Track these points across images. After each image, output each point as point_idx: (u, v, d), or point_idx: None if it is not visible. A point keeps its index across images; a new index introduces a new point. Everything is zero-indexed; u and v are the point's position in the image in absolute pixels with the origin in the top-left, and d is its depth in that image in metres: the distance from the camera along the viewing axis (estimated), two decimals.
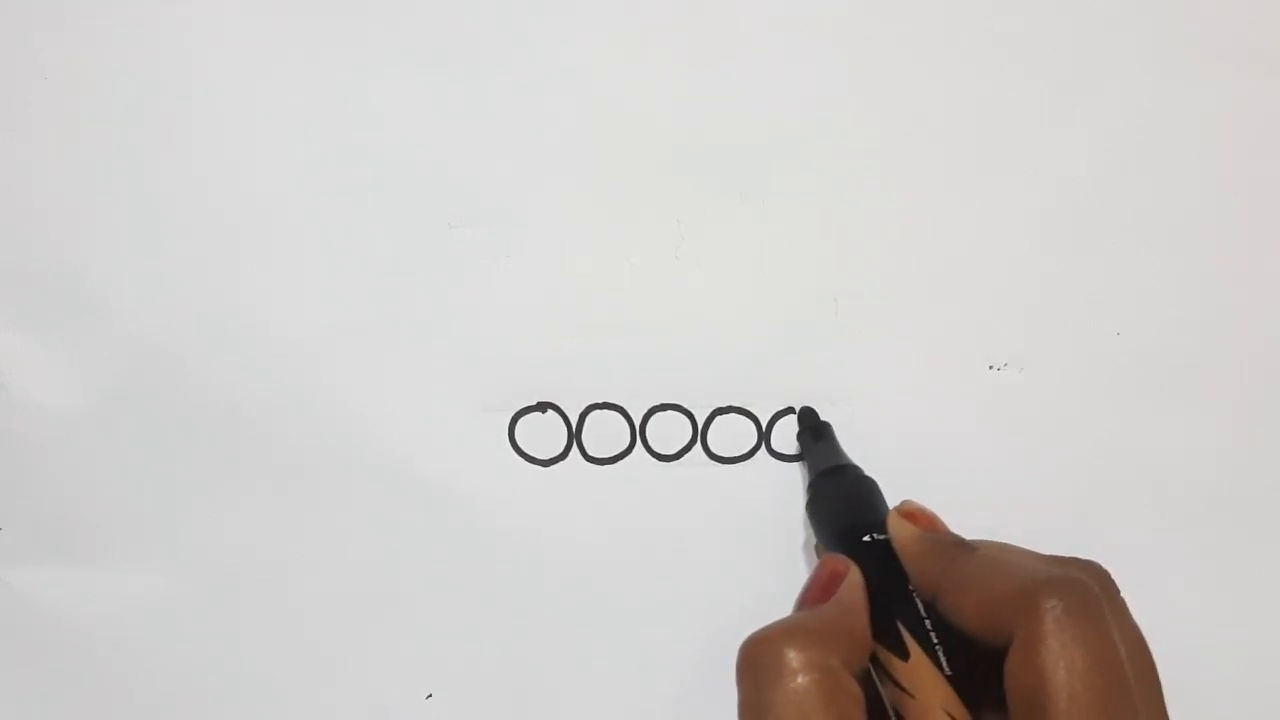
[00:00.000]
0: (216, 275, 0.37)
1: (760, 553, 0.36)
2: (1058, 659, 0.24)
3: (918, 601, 0.29)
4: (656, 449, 0.37)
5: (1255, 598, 0.36)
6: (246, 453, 0.37)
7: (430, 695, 0.36)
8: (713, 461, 0.37)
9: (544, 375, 0.37)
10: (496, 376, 0.37)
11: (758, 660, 0.26)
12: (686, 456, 0.37)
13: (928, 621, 0.29)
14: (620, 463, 0.37)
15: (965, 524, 0.36)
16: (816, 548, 0.35)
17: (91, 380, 0.37)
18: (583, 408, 0.37)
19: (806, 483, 0.35)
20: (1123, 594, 0.27)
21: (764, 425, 0.37)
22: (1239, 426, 0.37)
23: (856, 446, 0.36)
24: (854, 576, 0.29)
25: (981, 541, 0.30)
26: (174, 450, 0.37)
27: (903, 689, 0.27)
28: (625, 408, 0.37)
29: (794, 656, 0.25)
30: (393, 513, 0.36)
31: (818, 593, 0.29)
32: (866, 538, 0.31)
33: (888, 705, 0.28)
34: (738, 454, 0.37)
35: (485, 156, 0.37)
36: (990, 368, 0.37)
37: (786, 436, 0.37)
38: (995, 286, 0.37)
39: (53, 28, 0.37)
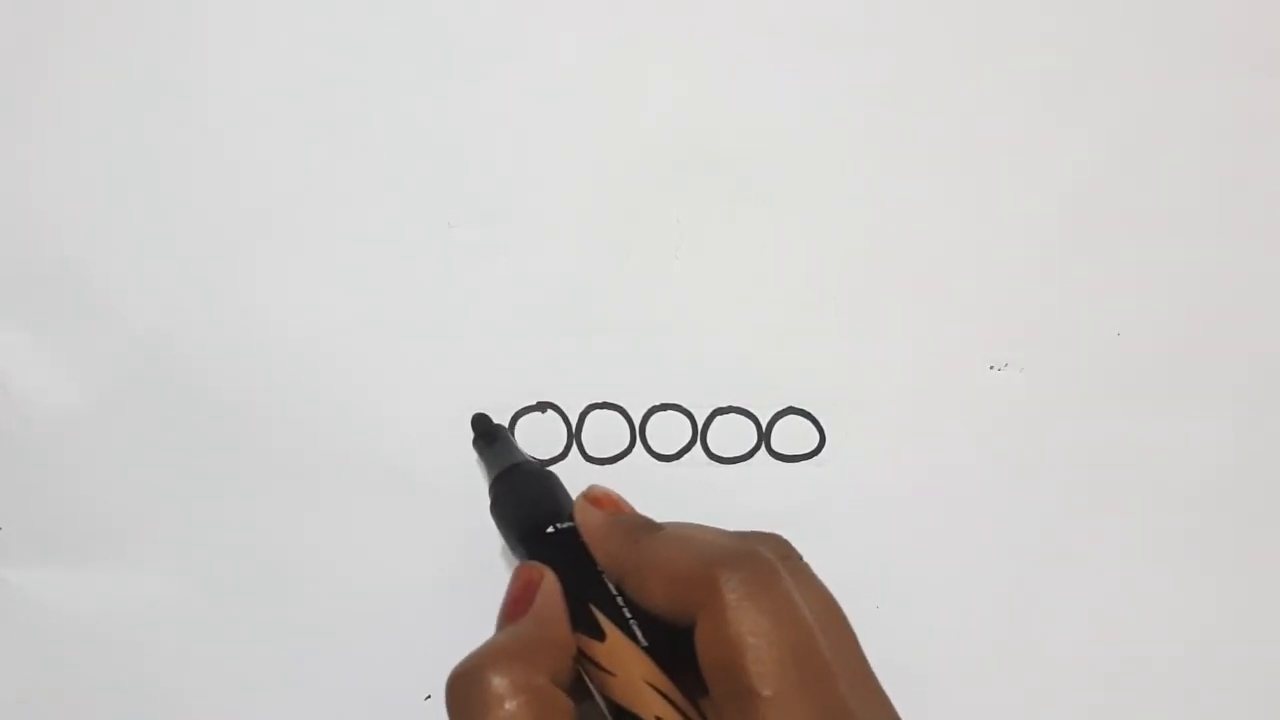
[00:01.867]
0: (217, 275, 0.37)
1: None
2: (741, 626, 0.25)
3: (609, 583, 0.29)
4: (656, 449, 0.37)
5: (1255, 597, 0.36)
6: (246, 453, 0.37)
7: (429, 696, 0.36)
8: (713, 461, 0.37)
9: (544, 375, 0.37)
10: (496, 376, 0.37)
11: (463, 692, 0.26)
12: (686, 456, 0.37)
13: (619, 599, 0.28)
14: (620, 463, 0.37)
15: (964, 522, 0.36)
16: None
17: (91, 380, 0.37)
18: (583, 408, 0.37)
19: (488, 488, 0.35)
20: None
21: (764, 425, 0.37)
22: (1239, 426, 0.37)
23: (856, 446, 0.36)
24: (549, 583, 0.29)
25: (669, 523, 0.30)
26: (174, 450, 0.37)
27: (604, 669, 0.27)
28: (625, 408, 0.37)
29: (498, 683, 0.25)
30: (392, 512, 0.36)
31: (514, 606, 0.28)
32: (550, 528, 0.31)
33: (595, 692, 0.28)
34: (738, 454, 0.37)
35: (485, 156, 0.37)
36: (990, 368, 0.37)
37: (786, 436, 0.37)
38: (995, 286, 0.37)
39: (53, 27, 0.37)
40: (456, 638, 0.36)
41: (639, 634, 0.28)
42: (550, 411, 0.37)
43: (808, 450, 0.37)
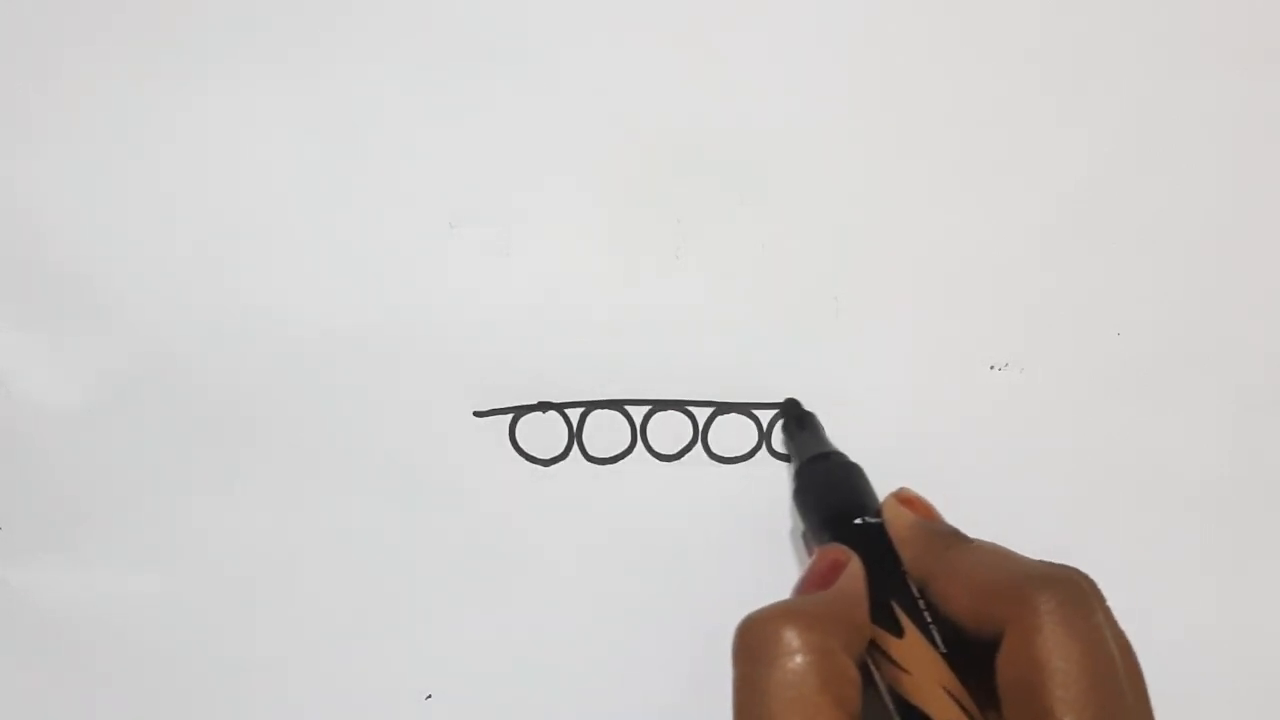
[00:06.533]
0: (217, 275, 0.37)
1: (760, 553, 0.36)
2: (1051, 647, 0.24)
3: (911, 584, 0.29)
4: (657, 449, 0.37)
5: (1254, 597, 0.36)
6: (247, 453, 0.37)
7: (430, 695, 0.36)
8: (713, 461, 0.37)
9: (544, 375, 0.37)
10: (496, 376, 0.37)
11: (755, 639, 0.26)
12: (687, 456, 0.37)
13: (921, 602, 0.29)
14: (620, 463, 0.37)
15: (965, 523, 0.36)
16: (804, 536, 0.35)
17: (91, 380, 0.37)
18: (583, 408, 0.37)
19: (792, 472, 0.35)
20: (1120, 594, 0.27)
21: (764, 425, 0.37)
22: (1239, 426, 0.37)
23: (856, 446, 0.36)
24: (855, 566, 0.29)
25: (978, 539, 0.30)
26: (174, 450, 0.37)
27: (899, 666, 0.27)
28: (625, 408, 0.37)
29: (792, 637, 0.25)
30: (393, 512, 0.36)
31: (818, 580, 0.28)
32: (859, 520, 0.31)
33: (881, 686, 0.28)
34: (738, 454, 0.37)
35: (485, 156, 0.37)
36: (990, 368, 0.37)
37: None
38: (995, 286, 0.37)
39: (53, 28, 0.37)
40: (457, 637, 0.37)
41: (938, 638, 0.28)
42: (550, 412, 0.37)
43: None
